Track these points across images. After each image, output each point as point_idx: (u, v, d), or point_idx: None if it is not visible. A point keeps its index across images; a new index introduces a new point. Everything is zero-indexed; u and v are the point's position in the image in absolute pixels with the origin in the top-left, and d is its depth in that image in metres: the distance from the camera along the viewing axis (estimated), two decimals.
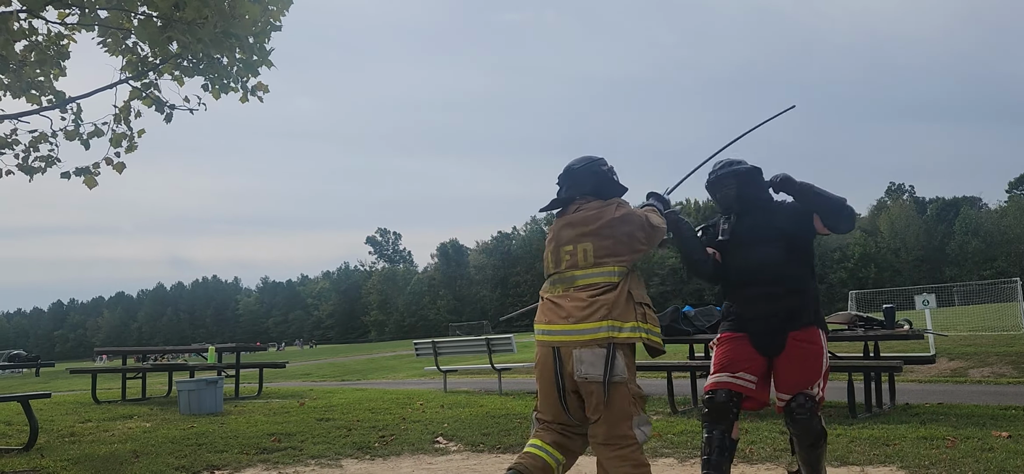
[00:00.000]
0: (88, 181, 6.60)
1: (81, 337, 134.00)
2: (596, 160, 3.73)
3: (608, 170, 3.72)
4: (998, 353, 13.71)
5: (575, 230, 3.54)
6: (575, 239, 3.53)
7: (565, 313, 3.42)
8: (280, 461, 5.66)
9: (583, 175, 3.65)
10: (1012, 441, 5.25)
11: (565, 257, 3.55)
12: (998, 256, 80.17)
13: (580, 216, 3.54)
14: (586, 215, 3.52)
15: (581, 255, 3.49)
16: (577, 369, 3.32)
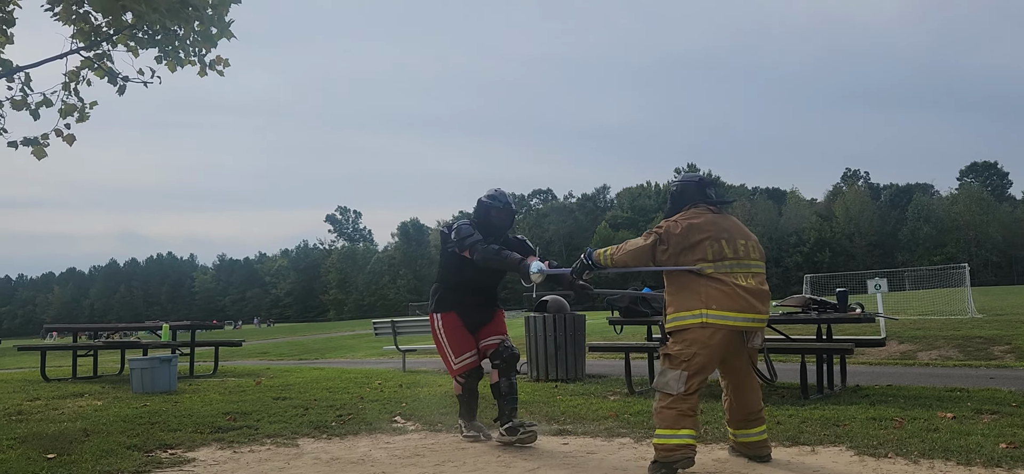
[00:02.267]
0: (37, 152, 6.40)
1: (30, 314, 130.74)
2: None
3: None
4: (945, 337, 14.12)
5: (737, 229, 4.53)
6: (745, 235, 4.53)
7: (760, 302, 4.37)
8: (235, 440, 5.60)
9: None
10: (957, 422, 5.41)
11: (740, 248, 4.44)
12: (948, 242, 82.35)
13: (732, 221, 4.59)
14: (735, 220, 4.61)
15: (753, 249, 4.50)
16: (754, 341, 4.40)
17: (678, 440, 4.16)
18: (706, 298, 4.26)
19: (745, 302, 4.26)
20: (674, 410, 4.20)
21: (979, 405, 6.17)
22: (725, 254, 4.35)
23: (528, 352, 9.88)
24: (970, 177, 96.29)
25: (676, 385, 4.21)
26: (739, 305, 4.25)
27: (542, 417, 6.29)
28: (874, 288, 18.08)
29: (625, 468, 4.43)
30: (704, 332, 4.22)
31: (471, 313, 5.48)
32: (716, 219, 4.47)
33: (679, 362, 4.24)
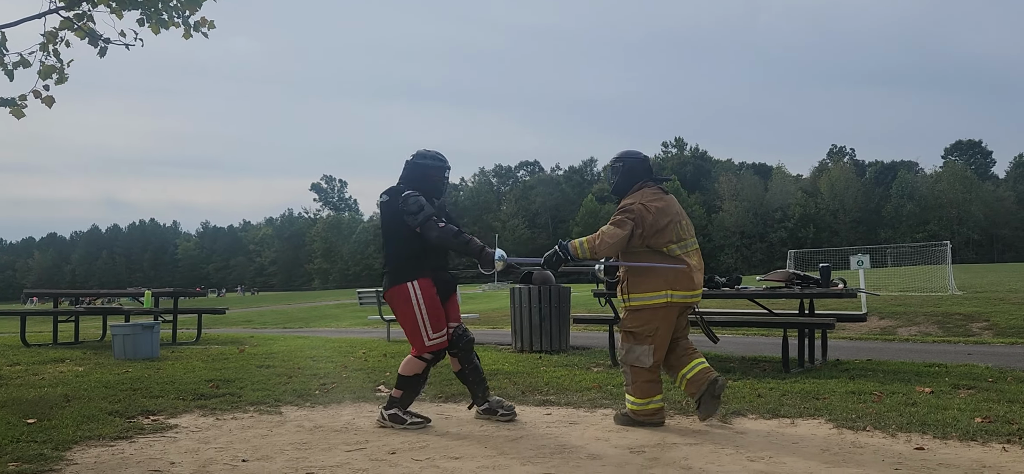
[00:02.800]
0: (15, 112, 6.27)
1: (9, 279, 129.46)
2: None
3: None
4: (926, 313, 14.27)
5: (681, 208, 4.95)
6: (685, 214, 4.95)
7: (701, 276, 4.92)
8: (218, 407, 5.58)
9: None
10: (934, 396, 5.48)
11: (686, 227, 4.89)
12: (931, 220, 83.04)
13: (676, 200, 4.91)
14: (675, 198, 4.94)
15: (691, 225, 4.97)
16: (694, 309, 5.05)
17: (654, 405, 4.74)
18: (672, 280, 4.73)
19: (695, 280, 4.82)
20: (647, 381, 4.73)
21: (956, 380, 6.25)
22: (682, 235, 4.85)
23: (512, 323, 9.90)
24: (954, 155, 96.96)
25: (646, 359, 4.72)
26: (693, 283, 4.81)
27: (526, 388, 6.31)
28: (857, 264, 18.22)
29: (607, 438, 4.46)
30: (668, 310, 4.73)
31: (439, 286, 5.00)
32: (670, 200, 4.88)
33: (645, 337, 4.73)
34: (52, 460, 4.03)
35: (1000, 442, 4.12)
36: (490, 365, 7.72)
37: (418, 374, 4.89)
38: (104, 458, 4.13)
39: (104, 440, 4.54)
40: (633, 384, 4.75)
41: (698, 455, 4.01)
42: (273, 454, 4.20)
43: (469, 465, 3.89)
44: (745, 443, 4.27)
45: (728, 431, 4.60)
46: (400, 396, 4.89)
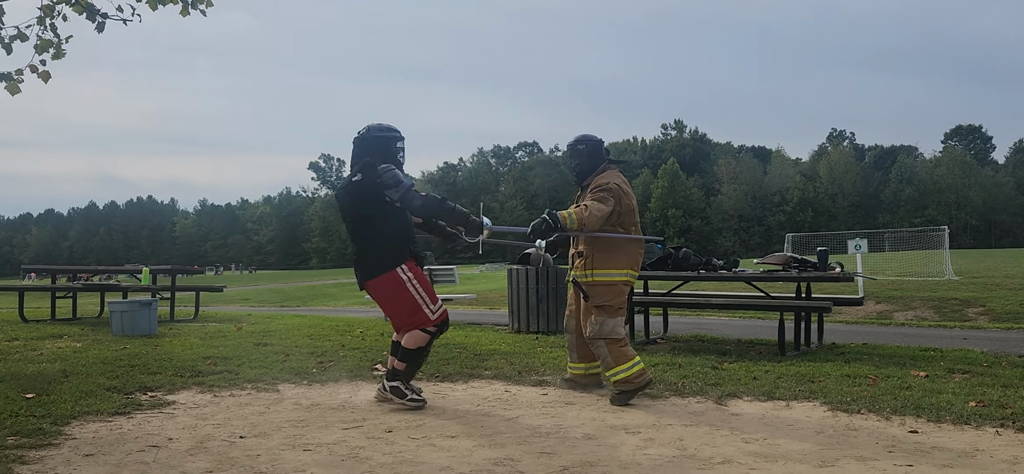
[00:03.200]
0: (11, 87, 6.24)
1: (7, 255, 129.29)
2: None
3: None
4: (922, 298, 14.32)
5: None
6: None
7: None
8: (215, 384, 5.60)
9: None
10: (929, 380, 5.51)
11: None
12: (929, 205, 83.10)
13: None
14: None
15: None
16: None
17: (637, 367, 4.93)
18: (635, 259, 5.12)
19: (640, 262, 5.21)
20: (623, 348, 4.98)
21: (951, 365, 6.28)
22: (637, 218, 5.21)
23: (509, 304, 9.92)
24: (954, 140, 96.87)
25: (620, 329, 5.03)
26: (640, 265, 5.21)
27: (522, 368, 6.34)
28: (854, 248, 18.23)
29: (602, 418, 4.48)
30: (627, 287, 5.13)
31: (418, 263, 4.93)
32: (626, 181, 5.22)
33: (615, 310, 5.04)
34: (51, 435, 4.05)
35: (994, 426, 4.15)
36: (487, 345, 7.74)
37: (422, 347, 4.78)
38: (102, 433, 4.15)
39: (102, 415, 4.55)
40: (612, 356, 4.95)
41: (693, 436, 4.03)
42: (270, 431, 4.22)
43: (465, 444, 3.92)
44: (740, 424, 4.30)
45: (723, 413, 4.63)
46: (404, 369, 4.79)
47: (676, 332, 9.30)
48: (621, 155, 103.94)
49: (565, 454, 3.69)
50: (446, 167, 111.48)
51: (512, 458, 3.63)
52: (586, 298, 5.08)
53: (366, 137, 4.87)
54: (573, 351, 5.43)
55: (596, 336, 5.00)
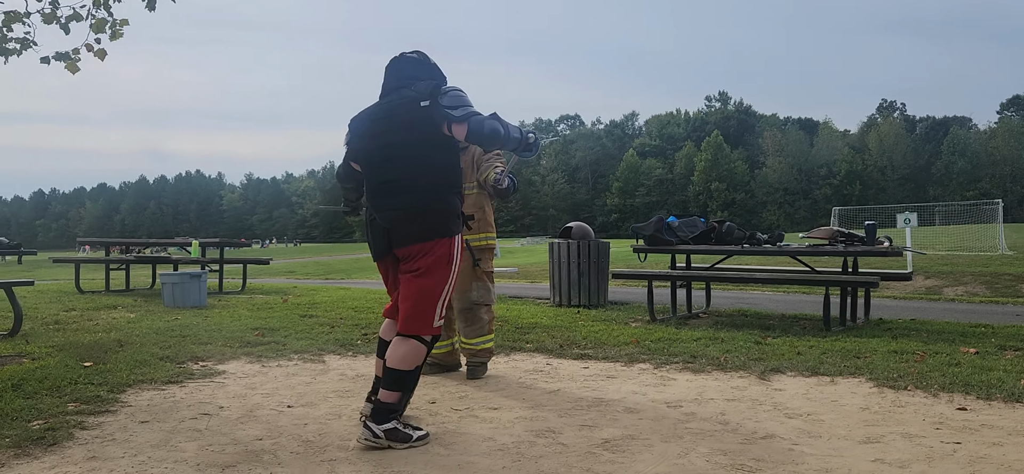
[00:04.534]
0: (70, 67, 6.41)
1: (63, 227, 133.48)
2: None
3: None
4: (973, 273, 13.98)
5: None
6: None
7: None
8: (263, 355, 5.74)
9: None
10: (979, 357, 5.40)
11: None
12: (983, 178, 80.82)
13: None
14: None
15: None
16: None
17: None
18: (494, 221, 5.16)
19: None
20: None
21: (1003, 341, 6.14)
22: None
23: (551, 278, 9.95)
24: (1011, 111, 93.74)
25: (494, 295, 5.08)
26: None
27: (564, 342, 6.37)
28: (903, 222, 17.83)
29: (644, 392, 4.49)
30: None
31: None
32: None
33: (493, 277, 5.08)
34: (108, 401, 4.20)
35: None
36: (529, 319, 7.78)
37: (419, 366, 3.50)
38: (157, 401, 4.29)
39: (156, 383, 4.71)
40: (490, 323, 5.03)
41: (735, 411, 4.02)
42: (317, 400, 4.32)
43: (507, 415, 3.96)
44: (783, 400, 4.28)
45: (766, 387, 4.60)
46: (398, 400, 3.44)
47: (719, 307, 9.24)
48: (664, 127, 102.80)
49: (606, 427, 3.71)
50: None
51: (553, 430, 3.66)
52: (476, 263, 4.97)
53: (420, 60, 3.69)
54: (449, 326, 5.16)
55: (482, 300, 5.01)
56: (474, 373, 4.95)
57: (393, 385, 3.44)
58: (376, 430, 3.34)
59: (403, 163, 3.49)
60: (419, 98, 3.49)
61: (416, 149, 3.49)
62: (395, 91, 3.62)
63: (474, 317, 4.98)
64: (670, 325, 7.43)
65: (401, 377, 3.44)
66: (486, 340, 5.00)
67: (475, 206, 4.96)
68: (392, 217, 3.51)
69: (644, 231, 8.19)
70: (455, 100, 3.48)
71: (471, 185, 4.94)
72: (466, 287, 4.96)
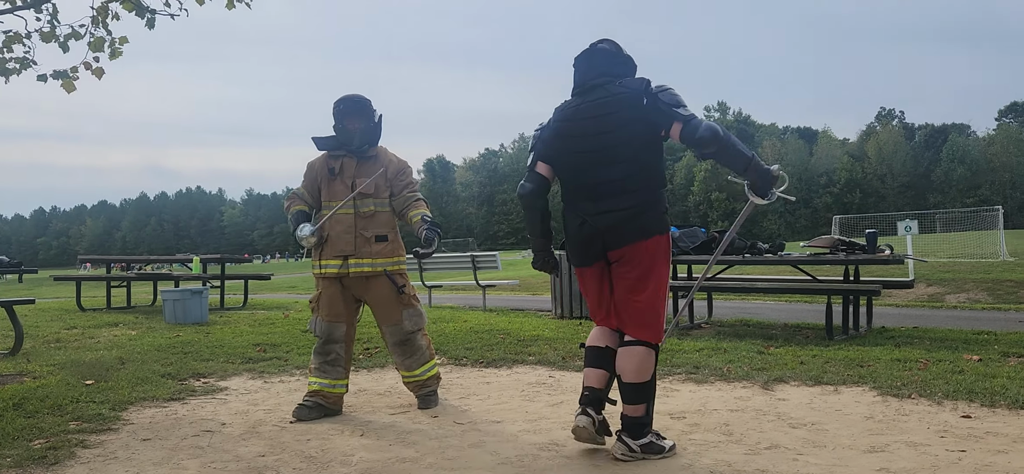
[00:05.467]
0: (66, 85, 6.43)
1: (64, 245, 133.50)
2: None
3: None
4: (975, 279, 13.96)
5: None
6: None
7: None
8: (265, 370, 5.73)
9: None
10: (982, 364, 5.38)
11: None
12: (982, 184, 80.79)
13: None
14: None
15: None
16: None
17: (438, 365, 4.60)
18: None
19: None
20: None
21: (1006, 348, 6.13)
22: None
23: (552, 290, 9.94)
24: (1009, 117, 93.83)
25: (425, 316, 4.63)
26: None
27: (566, 354, 6.36)
28: (904, 230, 17.85)
29: None
30: None
31: None
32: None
33: (417, 298, 4.60)
34: (110, 419, 4.19)
35: None
36: (530, 332, 7.77)
37: (655, 372, 3.43)
38: (159, 418, 4.28)
39: (158, 401, 4.70)
40: (429, 346, 4.60)
41: (739, 421, 4.01)
42: (319, 416, 4.30)
43: (510, 429, 3.95)
44: (787, 410, 4.26)
45: (770, 397, 4.59)
46: (645, 411, 3.39)
47: (721, 317, 9.23)
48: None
49: (610, 440, 3.70)
50: (487, 153, 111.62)
51: (557, 443, 3.65)
52: (401, 289, 4.42)
53: (615, 52, 3.51)
54: (335, 366, 4.39)
55: (417, 327, 4.49)
56: (427, 403, 4.47)
57: (636, 398, 3.37)
58: (632, 445, 3.35)
59: (624, 162, 3.34)
60: (636, 95, 3.34)
61: (632, 147, 3.34)
62: (596, 87, 3.44)
63: (411, 347, 4.47)
64: (672, 336, 7.41)
65: (642, 389, 3.37)
66: (430, 367, 4.54)
67: (387, 225, 4.45)
68: (613, 219, 3.35)
69: None
70: (674, 99, 3.33)
71: (383, 200, 4.43)
72: (395, 318, 4.42)
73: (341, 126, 4.43)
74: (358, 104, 4.45)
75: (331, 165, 4.45)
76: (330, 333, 4.39)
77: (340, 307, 4.40)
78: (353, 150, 4.42)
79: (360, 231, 4.35)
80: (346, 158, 4.45)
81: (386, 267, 4.39)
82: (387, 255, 4.41)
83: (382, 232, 4.41)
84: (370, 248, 4.36)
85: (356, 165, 4.42)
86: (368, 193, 4.36)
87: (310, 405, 4.26)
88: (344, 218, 4.35)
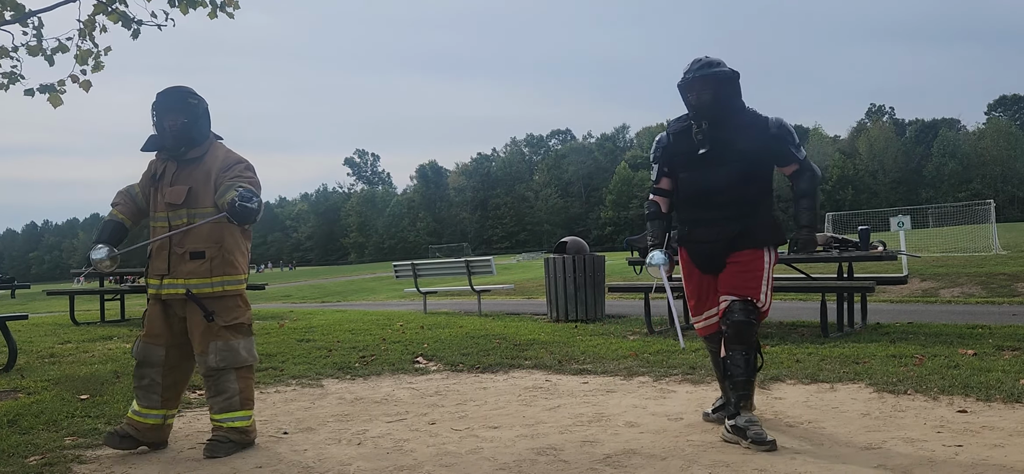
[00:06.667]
0: (53, 99, 6.42)
1: (56, 259, 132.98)
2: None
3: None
4: (968, 273, 14.01)
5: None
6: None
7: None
8: (261, 381, 5.71)
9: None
10: (977, 358, 5.40)
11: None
12: (974, 178, 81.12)
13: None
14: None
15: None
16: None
17: (253, 416, 3.90)
18: (247, 258, 4.02)
19: None
20: (253, 383, 3.94)
21: (1000, 342, 6.15)
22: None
23: (547, 293, 9.94)
24: (998, 111, 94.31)
25: (255, 353, 3.93)
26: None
27: (562, 357, 6.35)
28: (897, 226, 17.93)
29: (644, 405, 4.48)
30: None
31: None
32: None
33: (249, 329, 3.89)
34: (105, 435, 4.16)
35: None
36: (526, 335, 7.77)
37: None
38: None
39: None
40: (242, 393, 3.80)
41: None
42: (316, 426, 4.29)
43: (507, 434, 3.94)
44: (784, 408, 4.27)
45: (766, 396, 4.59)
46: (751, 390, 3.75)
47: None
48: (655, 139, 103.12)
49: (608, 442, 3.70)
50: (479, 158, 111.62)
51: (555, 447, 3.64)
52: (210, 317, 3.74)
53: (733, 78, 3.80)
54: (149, 393, 3.81)
55: (228, 365, 3.76)
56: (211, 450, 3.67)
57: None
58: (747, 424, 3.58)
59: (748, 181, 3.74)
60: (767, 125, 3.79)
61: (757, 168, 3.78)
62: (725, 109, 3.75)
63: (219, 385, 3.77)
64: (669, 337, 7.42)
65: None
66: (236, 417, 3.77)
67: (208, 240, 3.79)
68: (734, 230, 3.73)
69: (639, 243, 8.19)
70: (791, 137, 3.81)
71: (203, 210, 3.81)
72: (201, 348, 3.76)
73: (158, 124, 3.84)
74: (173, 96, 3.83)
75: (156, 169, 3.93)
76: (145, 355, 3.82)
77: (159, 328, 3.83)
78: (169, 151, 3.87)
79: (174, 247, 3.78)
80: (169, 162, 3.88)
81: (191, 289, 3.74)
82: (201, 275, 3.76)
83: (198, 248, 3.76)
84: (183, 267, 3.76)
85: (175, 171, 3.85)
86: (177, 203, 3.78)
87: (121, 434, 3.73)
88: (160, 231, 3.84)
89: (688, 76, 3.77)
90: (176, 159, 3.86)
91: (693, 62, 3.81)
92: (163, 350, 3.84)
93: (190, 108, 3.83)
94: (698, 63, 3.78)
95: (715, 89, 3.72)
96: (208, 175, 3.82)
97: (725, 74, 3.75)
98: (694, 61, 3.81)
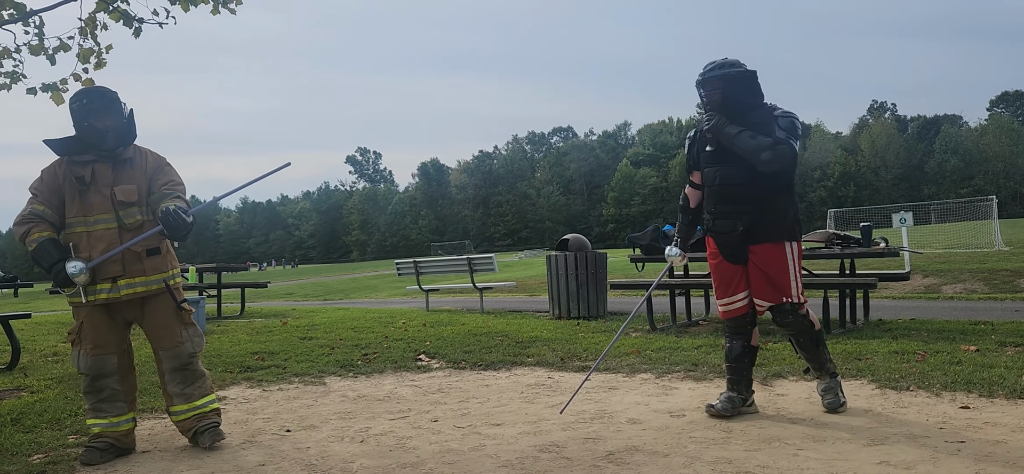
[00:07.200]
0: (55, 97, 6.42)
1: None
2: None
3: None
4: (971, 270, 14.00)
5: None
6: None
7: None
8: (264, 379, 5.72)
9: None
10: (980, 355, 5.39)
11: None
12: (976, 174, 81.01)
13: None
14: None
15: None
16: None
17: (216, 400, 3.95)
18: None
19: None
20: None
21: (1003, 338, 6.14)
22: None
23: (549, 290, 9.94)
24: (1000, 107, 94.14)
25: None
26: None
27: (564, 354, 6.36)
28: (899, 222, 17.90)
29: (647, 402, 4.48)
30: None
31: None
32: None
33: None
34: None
35: None
36: (528, 333, 7.77)
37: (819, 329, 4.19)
38: (157, 429, 4.27)
39: (156, 412, 4.68)
40: (208, 376, 3.97)
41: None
42: (319, 423, 4.30)
43: (510, 431, 3.95)
44: (786, 404, 4.27)
45: (769, 393, 4.59)
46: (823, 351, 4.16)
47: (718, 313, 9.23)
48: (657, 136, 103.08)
49: (610, 439, 3.70)
50: (481, 155, 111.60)
51: (557, 444, 3.65)
52: (181, 306, 3.86)
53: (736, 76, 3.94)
54: (113, 403, 3.76)
55: (197, 349, 3.88)
56: (212, 437, 3.78)
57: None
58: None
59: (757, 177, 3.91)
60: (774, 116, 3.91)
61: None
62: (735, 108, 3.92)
63: (192, 373, 3.86)
64: (670, 334, 7.42)
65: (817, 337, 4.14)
66: (212, 399, 3.90)
67: (158, 237, 3.81)
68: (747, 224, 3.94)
69: (640, 240, 8.20)
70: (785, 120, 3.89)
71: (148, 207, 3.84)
72: (175, 339, 3.80)
73: (87, 125, 3.69)
74: (106, 97, 3.76)
75: (79, 173, 3.72)
76: (99, 368, 3.72)
77: (108, 336, 3.73)
78: (106, 152, 3.75)
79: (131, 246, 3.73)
80: (98, 164, 3.74)
81: (166, 281, 3.80)
82: (163, 269, 3.81)
83: (152, 245, 3.79)
84: (142, 264, 3.74)
85: (113, 171, 3.77)
86: (132, 201, 3.75)
87: (102, 447, 3.65)
88: (106, 234, 3.68)
89: (701, 77, 3.99)
90: (111, 160, 3.77)
91: (708, 63, 4.01)
92: (115, 357, 3.77)
93: (121, 108, 3.82)
94: (711, 64, 3.99)
95: (724, 89, 3.92)
96: (144, 173, 3.86)
97: (734, 75, 3.91)
98: (710, 62, 4.01)
